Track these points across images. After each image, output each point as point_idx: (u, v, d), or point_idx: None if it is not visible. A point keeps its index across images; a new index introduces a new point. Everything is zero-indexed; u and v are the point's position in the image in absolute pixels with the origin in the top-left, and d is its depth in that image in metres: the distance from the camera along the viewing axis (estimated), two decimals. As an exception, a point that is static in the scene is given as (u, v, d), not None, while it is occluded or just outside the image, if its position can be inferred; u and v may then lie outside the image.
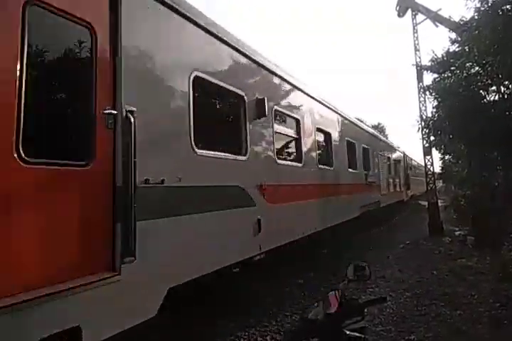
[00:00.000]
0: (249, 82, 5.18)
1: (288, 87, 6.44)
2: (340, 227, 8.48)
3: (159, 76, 3.42)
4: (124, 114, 2.84)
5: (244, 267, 4.74)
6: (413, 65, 15.04)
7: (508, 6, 8.57)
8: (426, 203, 15.98)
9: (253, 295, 5.93)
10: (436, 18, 14.72)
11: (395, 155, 17.86)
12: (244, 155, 4.77)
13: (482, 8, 9.47)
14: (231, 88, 4.59)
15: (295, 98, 6.68)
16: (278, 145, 5.88)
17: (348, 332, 2.34)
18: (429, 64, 14.13)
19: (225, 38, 4.50)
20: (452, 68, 12.28)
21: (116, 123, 2.83)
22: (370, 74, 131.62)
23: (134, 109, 2.89)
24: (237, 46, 4.78)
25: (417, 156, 33.72)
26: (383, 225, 15.37)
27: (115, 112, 2.82)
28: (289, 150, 6.59)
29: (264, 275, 6.10)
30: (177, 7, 3.65)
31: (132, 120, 2.82)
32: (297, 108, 6.74)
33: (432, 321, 5.21)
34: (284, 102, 6.19)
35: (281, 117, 6.13)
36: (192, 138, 3.70)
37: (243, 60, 4.99)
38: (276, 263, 6.19)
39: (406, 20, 16.06)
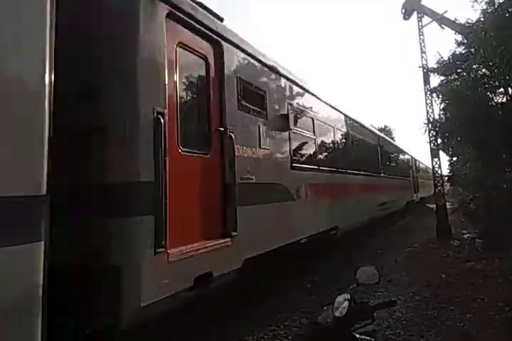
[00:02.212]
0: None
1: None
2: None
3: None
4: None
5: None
6: (419, 67, 15.04)
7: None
8: (434, 206, 15.90)
9: (261, 299, 5.92)
10: (442, 20, 14.69)
11: None
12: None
13: (489, 10, 9.44)
14: None
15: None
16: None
17: (357, 336, 2.34)
18: (435, 66, 14.08)
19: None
20: (459, 70, 12.21)
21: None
22: (378, 76, 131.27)
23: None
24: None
25: (424, 160, 29.96)
26: (391, 228, 15.31)
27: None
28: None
29: (271, 280, 6.09)
30: None
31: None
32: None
33: (442, 325, 5.17)
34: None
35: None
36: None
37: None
38: (284, 267, 6.19)
39: (412, 23, 15.97)
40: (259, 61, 5.75)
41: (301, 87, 7.36)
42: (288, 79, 6.74)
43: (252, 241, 4.80)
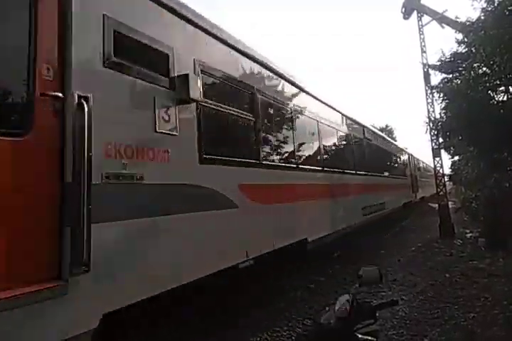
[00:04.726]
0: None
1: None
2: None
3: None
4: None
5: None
6: (420, 62, 14.99)
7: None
8: (436, 205, 15.87)
9: (264, 299, 5.92)
10: (442, 19, 14.68)
11: None
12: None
13: (488, 9, 9.43)
14: None
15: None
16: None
17: (360, 336, 2.34)
18: (438, 63, 14.05)
19: None
20: (460, 69, 12.19)
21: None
22: (379, 74, 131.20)
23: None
24: None
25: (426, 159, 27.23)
26: (394, 227, 15.28)
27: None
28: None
29: (274, 280, 6.09)
30: None
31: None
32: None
33: (446, 324, 5.15)
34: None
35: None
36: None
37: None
38: (287, 267, 6.19)
39: (412, 22, 15.98)
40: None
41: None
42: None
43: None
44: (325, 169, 7.69)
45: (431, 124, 13.93)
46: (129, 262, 2.97)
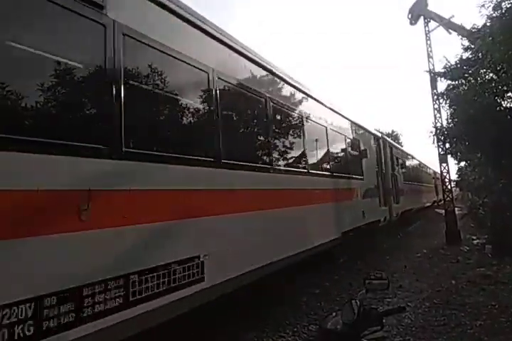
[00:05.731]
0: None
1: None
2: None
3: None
4: None
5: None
6: (426, 71, 15.01)
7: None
8: (443, 211, 15.79)
9: (269, 305, 5.91)
10: (448, 25, 14.69)
11: None
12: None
13: (495, 15, 9.44)
14: None
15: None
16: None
17: (366, 342, 2.34)
18: (442, 71, 14.04)
19: None
20: (466, 75, 12.18)
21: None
22: (386, 80, 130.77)
23: None
24: None
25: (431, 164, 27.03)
26: (400, 233, 15.22)
27: None
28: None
29: (279, 286, 6.09)
30: None
31: None
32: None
33: (452, 332, 5.11)
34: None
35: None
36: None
37: None
38: (292, 273, 6.19)
39: (419, 27, 15.95)
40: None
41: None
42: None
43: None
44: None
45: (437, 130, 13.88)
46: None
